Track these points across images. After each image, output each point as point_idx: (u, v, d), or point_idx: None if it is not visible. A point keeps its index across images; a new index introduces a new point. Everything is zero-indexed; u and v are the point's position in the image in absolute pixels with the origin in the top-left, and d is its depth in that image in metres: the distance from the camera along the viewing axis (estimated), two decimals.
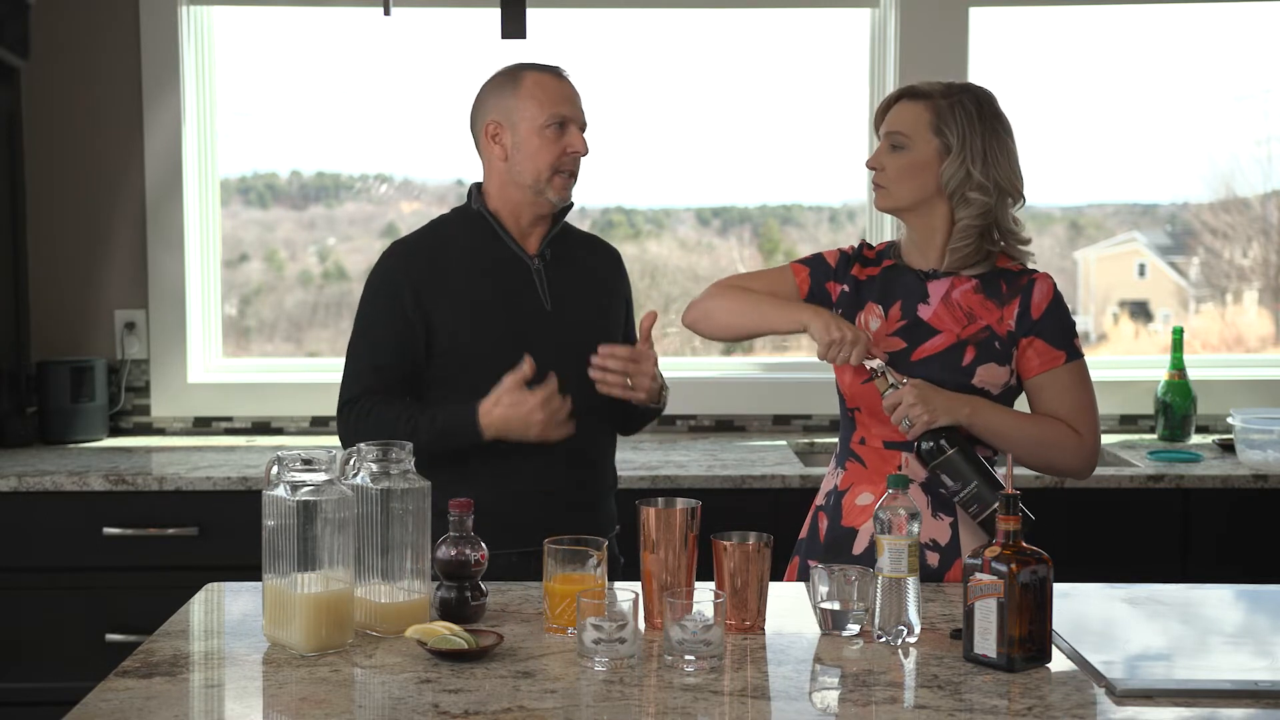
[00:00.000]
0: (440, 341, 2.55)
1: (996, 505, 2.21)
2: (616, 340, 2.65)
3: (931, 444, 2.27)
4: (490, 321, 2.55)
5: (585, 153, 2.59)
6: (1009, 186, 2.38)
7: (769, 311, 2.44)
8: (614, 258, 2.77)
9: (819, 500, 2.50)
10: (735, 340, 2.61)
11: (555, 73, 2.62)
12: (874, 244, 2.53)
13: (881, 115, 2.45)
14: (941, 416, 2.27)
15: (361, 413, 2.52)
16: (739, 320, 2.48)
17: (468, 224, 2.63)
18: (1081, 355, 2.41)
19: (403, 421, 2.46)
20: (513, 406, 2.43)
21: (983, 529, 2.29)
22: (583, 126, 2.61)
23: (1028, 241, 2.44)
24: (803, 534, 2.52)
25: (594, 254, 2.74)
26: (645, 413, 2.67)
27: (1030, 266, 2.44)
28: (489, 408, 2.45)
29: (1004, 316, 2.37)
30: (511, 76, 2.60)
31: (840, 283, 2.47)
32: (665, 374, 4.07)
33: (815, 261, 2.51)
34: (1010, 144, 2.40)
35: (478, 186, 2.66)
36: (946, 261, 2.40)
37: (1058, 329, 2.38)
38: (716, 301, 2.51)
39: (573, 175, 2.61)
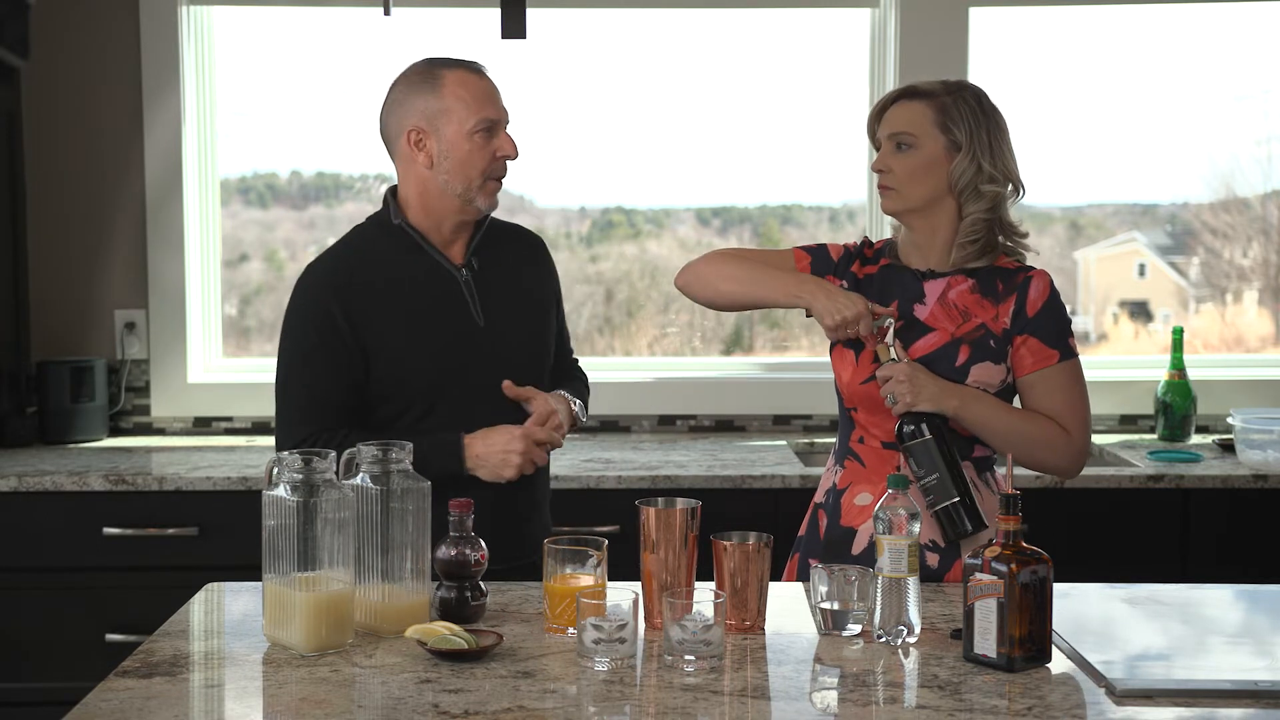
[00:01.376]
0: (377, 364, 2.41)
1: (953, 502, 2.25)
2: (545, 346, 2.57)
3: (912, 426, 2.28)
4: (425, 339, 2.42)
5: (516, 156, 2.45)
6: (1014, 178, 2.40)
7: (767, 283, 2.41)
8: (537, 247, 2.63)
9: (818, 498, 2.50)
10: (726, 309, 2.51)
11: (477, 70, 2.45)
12: (875, 241, 2.54)
13: (877, 118, 2.44)
14: (924, 403, 2.28)
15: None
16: (735, 288, 2.44)
17: (387, 236, 2.47)
18: (1075, 355, 2.40)
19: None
20: (496, 435, 2.37)
21: (937, 521, 2.29)
22: (507, 125, 2.46)
23: (1026, 235, 2.44)
24: (802, 531, 2.52)
25: (518, 248, 2.59)
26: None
27: (1029, 263, 2.45)
28: (472, 439, 2.38)
29: (999, 314, 2.37)
30: (429, 76, 2.42)
31: (840, 279, 2.47)
32: (666, 374, 4.06)
33: (819, 252, 2.50)
34: (1009, 136, 2.41)
35: (393, 192, 2.50)
36: (954, 258, 2.39)
37: (1052, 327, 2.38)
38: (714, 267, 2.47)
39: (501, 180, 2.46)
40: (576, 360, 2.77)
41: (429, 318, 2.43)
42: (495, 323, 2.48)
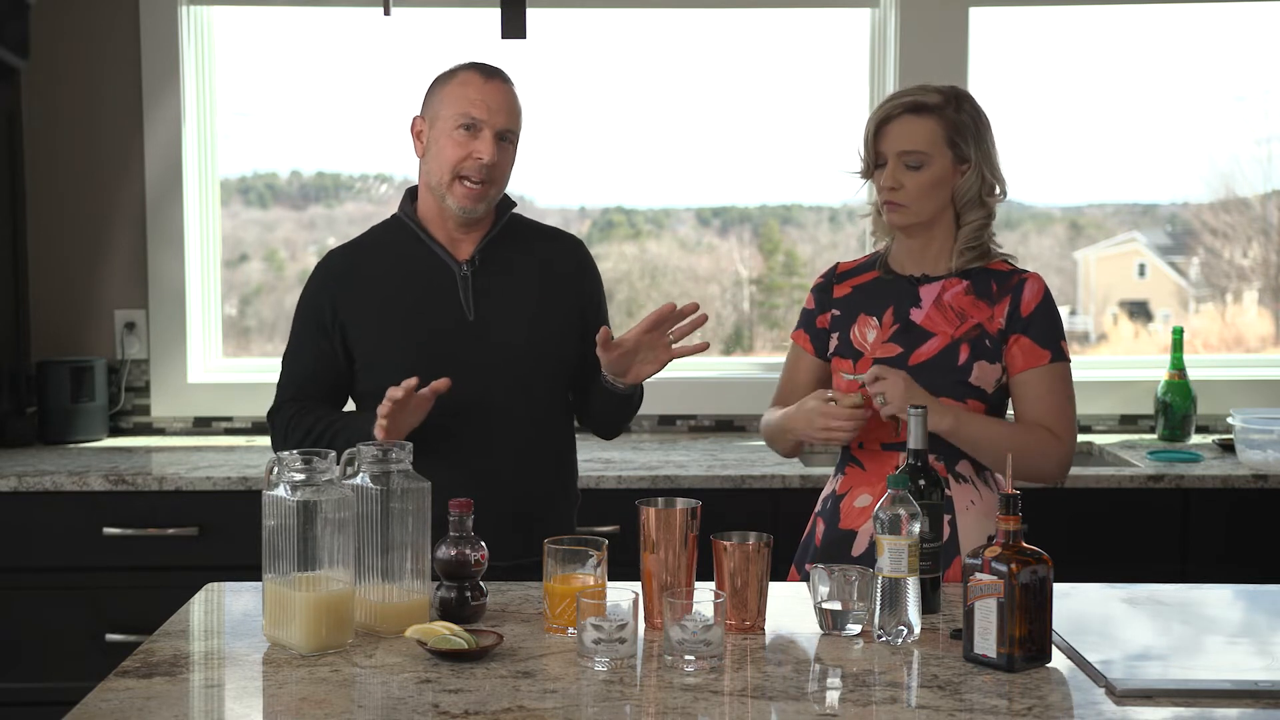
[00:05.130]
0: (359, 353, 2.50)
1: (936, 576, 2.09)
2: (551, 346, 2.53)
3: (924, 482, 2.09)
4: (406, 333, 2.47)
5: (490, 160, 2.42)
6: (1003, 182, 2.45)
7: (780, 433, 2.50)
8: (573, 248, 2.63)
9: (817, 507, 2.51)
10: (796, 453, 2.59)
11: (487, 73, 2.47)
12: (848, 260, 2.56)
13: (877, 129, 2.41)
14: (897, 409, 2.26)
15: (282, 421, 2.52)
16: (777, 448, 2.56)
17: (398, 231, 2.55)
18: (1066, 359, 2.41)
19: (313, 436, 2.46)
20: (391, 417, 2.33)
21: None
22: (503, 135, 2.45)
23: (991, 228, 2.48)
24: (803, 540, 2.52)
25: (547, 248, 2.59)
26: (611, 405, 2.54)
27: (1020, 267, 2.47)
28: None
29: (995, 315, 2.39)
30: (449, 73, 2.51)
31: (825, 310, 2.51)
32: (666, 374, 4.03)
33: (803, 317, 2.57)
34: (993, 135, 2.45)
35: (414, 191, 2.58)
36: (955, 264, 2.42)
37: (1046, 329, 2.39)
38: (765, 431, 2.59)
39: (483, 184, 2.44)
40: None
41: (417, 309, 2.49)
42: (487, 318, 2.50)
